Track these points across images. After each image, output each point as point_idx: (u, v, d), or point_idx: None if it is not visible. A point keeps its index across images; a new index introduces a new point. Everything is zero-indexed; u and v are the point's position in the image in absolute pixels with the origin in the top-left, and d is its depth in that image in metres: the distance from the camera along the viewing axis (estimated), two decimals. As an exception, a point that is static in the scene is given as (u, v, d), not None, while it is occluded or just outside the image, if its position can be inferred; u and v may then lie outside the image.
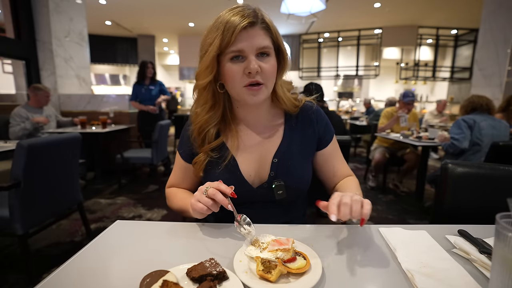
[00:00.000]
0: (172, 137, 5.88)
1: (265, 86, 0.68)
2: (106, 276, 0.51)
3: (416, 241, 0.62)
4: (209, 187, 0.62)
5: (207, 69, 0.67)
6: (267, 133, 0.78)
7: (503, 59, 3.87)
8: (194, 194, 0.65)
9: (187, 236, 0.65)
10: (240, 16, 0.63)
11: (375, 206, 2.79)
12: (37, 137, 1.68)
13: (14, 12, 3.54)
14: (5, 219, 1.40)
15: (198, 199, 0.63)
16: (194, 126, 0.76)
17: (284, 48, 0.71)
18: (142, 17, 7.96)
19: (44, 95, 2.92)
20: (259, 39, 0.65)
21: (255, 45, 0.64)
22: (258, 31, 0.65)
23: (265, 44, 0.65)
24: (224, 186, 0.62)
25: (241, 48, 0.64)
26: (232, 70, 0.66)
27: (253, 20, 0.64)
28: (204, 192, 0.62)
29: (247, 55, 0.65)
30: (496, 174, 0.86)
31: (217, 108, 0.74)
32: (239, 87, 0.67)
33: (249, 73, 0.64)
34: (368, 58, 9.95)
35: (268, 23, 0.67)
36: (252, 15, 0.64)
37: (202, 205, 0.62)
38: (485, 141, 2.12)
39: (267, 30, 0.67)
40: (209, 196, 0.62)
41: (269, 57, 0.67)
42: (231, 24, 0.63)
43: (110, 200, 2.83)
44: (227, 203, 0.61)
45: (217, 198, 0.61)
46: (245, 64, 0.65)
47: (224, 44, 0.63)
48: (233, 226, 0.70)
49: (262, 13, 0.67)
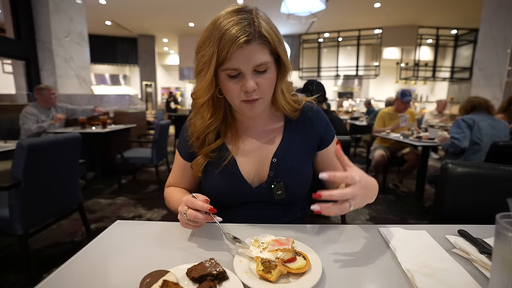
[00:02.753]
0: (172, 137, 5.88)
1: (262, 99, 0.67)
2: (106, 276, 0.51)
3: (416, 241, 0.62)
4: (187, 210, 0.59)
5: (206, 88, 0.66)
6: (267, 134, 0.78)
7: (503, 59, 3.87)
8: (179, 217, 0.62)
9: (187, 236, 0.65)
10: (236, 31, 0.59)
11: (375, 206, 2.79)
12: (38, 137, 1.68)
13: (14, 12, 3.54)
14: (5, 219, 1.40)
15: (185, 222, 0.61)
16: (193, 134, 0.75)
17: (285, 56, 0.68)
18: (142, 17, 7.96)
19: (49, 93, 2.93)
20: (256, 56, 0.61)
21: (251, 63, 0.62)
22: (255, 47, 0.61)
23: (262, 61, 0.62)
24: (200, 203, 0.58)
25: (237, 66, 0.62)
26: (229, 86, 0.64)
27: (248, 38, 0.59)
28: (184, 216, 0.59)
29: (243, 73, 0.63)
30: (496, 174, 0.86)
31: (218, 114, 0.74)
32: (237, 101, 0.66)
33: (245, 91, 0.64)
34: (368, 58, 9.96)
35: (266, 36, 0.62)
36: (249, 30, 0.60)
37: (191, 226, 0.61)
38: (485, 141, 2.13)
39: (265, 44, 0.62)
40: (190, 219, 0.59)
41: (267, 71, 0.65)
42: (227, 40, 0.59)
43: (110, 200, 2.83)
44: (211, 218, 0.59)
45: (199, 219, 0.58)
46: (241, 82, 0.63)
47: (220, 61, 0.61)
48: (233, 226, 0.70)
49: (260, 21, 0.62)
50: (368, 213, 2.63)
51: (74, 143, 1.74)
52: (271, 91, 0.69)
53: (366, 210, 2.68)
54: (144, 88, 10.67)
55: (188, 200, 0.60)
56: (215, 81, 0.66)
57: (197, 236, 0.65)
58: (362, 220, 2.48)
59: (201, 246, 0.61)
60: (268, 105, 0.77)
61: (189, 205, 0.59)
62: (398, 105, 3.21)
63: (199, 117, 0.73)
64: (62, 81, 3.94)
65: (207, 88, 0.66)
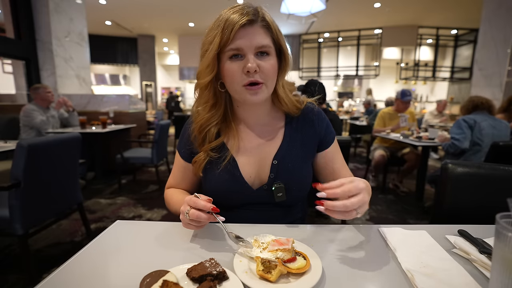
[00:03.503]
0: (172, 137, 5.88)
1: (265, 86, 0.67)
2: (106, 276, 0.51)
3: (416, 241, 0.62)
4: (189, 209, 0.58)
5: (208, 67, 0.67)
6: (267, 135, 0.78)
7: (503, 59, 3.87)
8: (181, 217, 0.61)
9: (187, 236, 0.65)
10: (240, 14, 0.63)
11: (375, 206, 2.79)
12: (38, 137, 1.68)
13: (14, 12, 3.54)
14: (5, 219, 1.40)
15: (187, 222, 0.60)
16: (195, 124, 0.75)
17: (286, 48, 0.70)
18: (142, 17, 7.96)
19: (45, 91, 2.95)
20: (258, 37, 0.64)
21: (253, 43, 0.63)
22: (257, 29, 0.64)
23: (264, 43, 0.64)
24: (203, 202, 0.58)
25: (240, 46, 0.63)
26: (231, 68, 0.65)
27: (252, 18, 0.63)
28: (186, 215, 0.59)
29: (245, 53, 0.64)
30: (496, 174, 0.86)
31: (218, 107, 0.74)
32: (239, 86, 0.66)
33: (247, 72, 0.64)
34: (368, 58, 9.95)
35: (268, 22, 0.66)
36: (252, 13, 0.64)
37: (193, 226, 0.60)
38: (486, 141, 2.12)
39: (267, 29, 0.66)
40: (192, 219, 0.59)
41: (269, 56, 0.66)
42: (230, 21, 0.62)
43: (110, 200, 2.83)
44: (213, 218, 0.59)
45: (201, 219, 0.58)
46: (243, 63, 0.64)
47: (223, 42, 0.63)
48: (233, 226, 0.70)
49: (263, 11, 0.66)
50: (368, 213, 2.63)
51: (74, 143, 1.74)
52: (273, 79, 0.69)
53: (366, 210, 2.67)
54: (144, 88, 10.67)
55: (190, 199, 0.59)
56: (218, 66, 0.67)
57: (197, 236, 0.65)
58: (362, 220, 2.48)
59: (201, 246, 0.61)
60: (269, 104, 0.77)
61: (191, 204, 0.58)
62: (398, 105, 3.21)
63: (203, 101, 0.74)
64: (62, 81, 3.94)
65: (210, 67, 0.67)
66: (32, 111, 2.85)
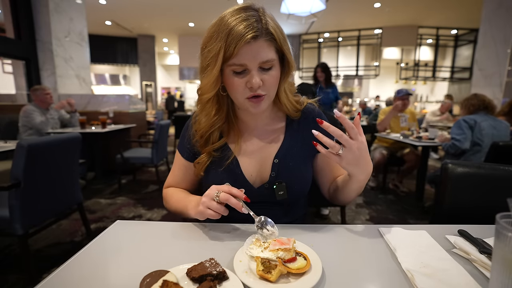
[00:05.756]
0: (172, 137, 5.88)
1: (267, 96, 0.67)
2: (106, 276, 0.51)
3: (416, 241, 0.62)
4: (220, 192, 0.61)
5: (212, 84, 0.66)
6: (269, 134, 0.78)
7: (503, 59, 3.87)
8: (202, 201, 0.63)
9: (187, 236, 0.65)
10: (244, 27, 0.60)
11: (375, 206, 2.79)
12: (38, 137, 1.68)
13: (14, 12, 3.54)
14: (5, 219, 1.40)
15: (208, 206, 0.61)
16: (198, 131, 0.75)
17: (290, 55, 0.68)
18: (142, 17, 7.97)
19: (43, 93, 2.95)
20: (263, 53, 0.62)
21: (257, 59, 0.62)
22: (262, 43, 0.62)
23: (268, 58, 0.63)
24: (236, 189, 0.61)
25: (243, 62, 0.62)
26: (234, 82, 0.65)
27: (256, 34, 0.61)
28: (215, 198, 0.61)
29: (249, 69, 0.63)
30: (496, 174, 0.86)
31: (221, 112, 0.74)
32: (242, 98, 0.67)
33: (251, 87, 0.64)
34: (368, 58, 9.96)
35: (272, 33, 0.63)
36: (256, 26, 0.61)
37: (213, 212, 0.61)
38: (486, 141, 2.12)
39: (271, 41, 0.64)
40: (221, 201, 0.60)
41: (272, 68, 0.65)
42: (234, 35, 0.60)
43: (110, 200, 2.83)
44: (240, 206, 0.60)
45: (231, 203, 0.59)
46: (247, 78, 0.64)
47: (227, 56, 0.62)
48: (233, 226, 0.70)
49: (267, 19, 0.63)
50: (368, 213, 2.63)
51: (74, 143, 1.74)
52: (275, 89, 0.69)
53: (366, 210, 2.68)
54: (144, 88, 10.68)
55: (222, 186, 0.62)
56: (221, 77, 0.66)
57: (197, 236, 0.65)
58: (362, 220, 2.48)
59: (201, 246, 0.61)
60: (270, 105, 0.77)
61: (224, 190, 0.61)
62: (397, 105, 3.19)
63: (205, 113, 0.73)
64: (62, 81, 3.94)
65: (214, 83, 0.66)
66: (32, 112, 2.86)
